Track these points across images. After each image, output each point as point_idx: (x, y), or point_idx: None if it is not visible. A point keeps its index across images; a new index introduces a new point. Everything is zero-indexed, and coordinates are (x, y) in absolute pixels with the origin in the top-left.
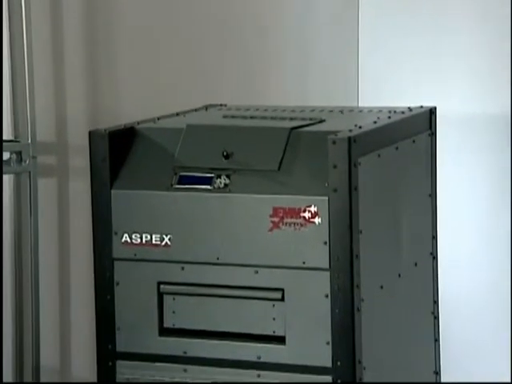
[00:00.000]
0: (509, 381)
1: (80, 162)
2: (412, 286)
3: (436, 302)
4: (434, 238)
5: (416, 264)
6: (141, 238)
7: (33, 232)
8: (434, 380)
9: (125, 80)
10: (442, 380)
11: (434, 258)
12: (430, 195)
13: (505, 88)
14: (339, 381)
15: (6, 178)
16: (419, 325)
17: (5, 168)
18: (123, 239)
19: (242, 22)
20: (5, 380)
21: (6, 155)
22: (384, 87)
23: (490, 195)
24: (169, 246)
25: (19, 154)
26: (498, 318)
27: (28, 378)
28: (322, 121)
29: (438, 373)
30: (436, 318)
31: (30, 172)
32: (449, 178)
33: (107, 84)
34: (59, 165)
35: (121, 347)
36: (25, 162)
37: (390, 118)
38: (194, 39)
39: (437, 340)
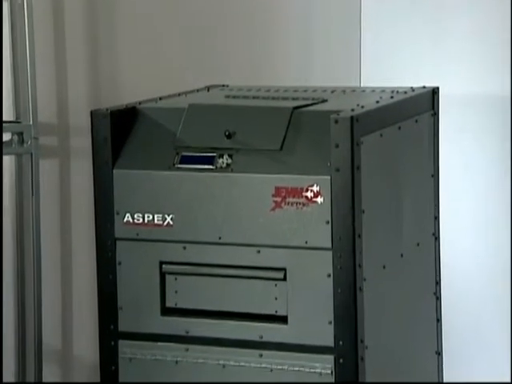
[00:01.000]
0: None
1: (81, 143)
2: (414, 267)
3: (438, 283)
4: (436, 218)
5: (418, 244)
6: (143, 218)
7: (34, 213)
8: (436, 360)
9: (126, 61)
10: (444, 360)
11: (436, 238)
12: (432, 175)
13: (506, 69)
14: (341, 360)
15: (7, 158)
16: (421, 305)
17: (6, 149)
18: (125, 219)
19: (245, 3)
20: (7, 361)
21: (7, 136)
22: (386, 69)
23: (490, 176)
24: (171, 225)
25: (21, 135)
26: (499, 297)
27: (30, 358)
28: (324, 100)
29: (439, 353)
30: (438, 298)
31: (31, 153)
32: (449, 159)
33: (109, 65)
34: (60, 146)
35: (123, 327)
36: (26, 143)
37: (392, 97)
38: (196, 20)
39: (439, 320)
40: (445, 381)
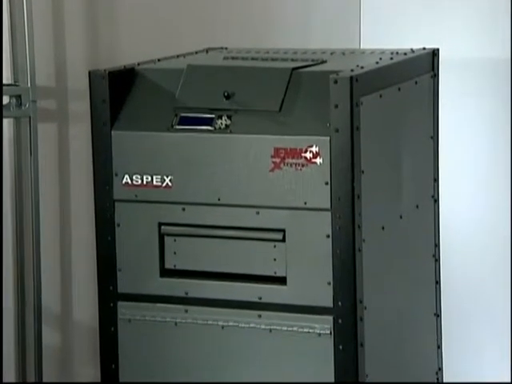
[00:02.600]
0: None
1: (80, 106)
2: (413, 228)
3: (437, 245)
4: (436, 180)
5: (417, 206)
6: (141, 180)
7: (33, 176)
8: (434, 322)
9: (125, 24)
10: (443, 322)
11: (436, 200)
12: (431, 137)
13: (506, 32)
14: (340, 320)
15: (5, 122)
16: (420, 267)
17: (4, 112)
18: (124, 180)
19: None
20: (7, 326)
21: (5, 99)
22: (386, 31)
23: (489, 140)
24: (170, 187)
25: (19, 98)
26: (498, 259)
27: (30, 320)
28: (323, 62)
29: (438, 315)
30: (437, 260)
31: (29, 116)
32: (448, 121)
33: (107, 28)
34: (59, 109)
35: (122, 288)
36: (24, 106)
37: (392, 59)
38: None
39: (437, 282)
40: (443, 342)
